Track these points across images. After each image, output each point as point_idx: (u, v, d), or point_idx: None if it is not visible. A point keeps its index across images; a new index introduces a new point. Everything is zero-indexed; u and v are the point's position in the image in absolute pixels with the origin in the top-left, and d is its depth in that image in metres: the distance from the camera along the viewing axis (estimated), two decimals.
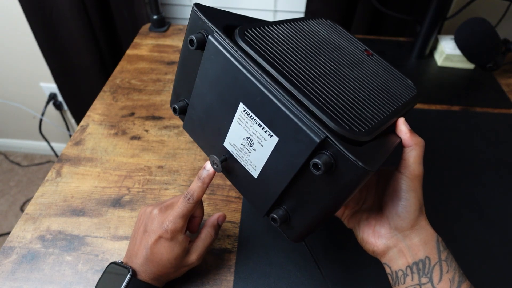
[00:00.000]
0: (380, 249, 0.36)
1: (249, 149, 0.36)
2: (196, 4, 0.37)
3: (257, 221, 0.52)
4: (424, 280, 0.34)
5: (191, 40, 0.35)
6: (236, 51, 0.33)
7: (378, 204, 0.39)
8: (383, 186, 0.38)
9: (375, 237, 0.37)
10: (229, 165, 0.39)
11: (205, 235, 0.43)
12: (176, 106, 0.42)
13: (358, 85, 0.38)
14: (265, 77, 0.32)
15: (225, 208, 0.54)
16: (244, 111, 0.35)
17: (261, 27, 0.38)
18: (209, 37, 0.35)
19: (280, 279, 0.46)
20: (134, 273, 0.40)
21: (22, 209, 1.51)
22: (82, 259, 0.48)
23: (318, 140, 0.29)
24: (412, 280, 0.34)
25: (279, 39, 0.38)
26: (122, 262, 0.42)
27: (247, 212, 0.53)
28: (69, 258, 0.48)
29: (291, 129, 0.31)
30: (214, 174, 0.41)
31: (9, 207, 1.51)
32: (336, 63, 0.40)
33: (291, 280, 0.46)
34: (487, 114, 0.71)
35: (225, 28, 0.36)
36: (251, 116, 0.34)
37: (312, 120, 0.30)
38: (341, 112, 0.33)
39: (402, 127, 0.36)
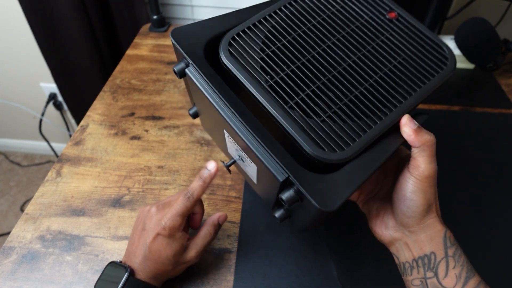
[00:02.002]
0: (387, 240, 0.37)
1: (244, 162, 0.38)
2: (172, 32, 0.38)
3: (257, 221, 0.52)
4: (429, 274, 0.34)
5: (175, 72, 0.38)
6: (210, 85, 0.35)
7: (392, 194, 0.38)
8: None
9: (383, 228, 0.37)
10: (237, 166, 0.42)
11: (205, 233, 0.44)
12: (190, 112, 0.46)
13: (358, 79, 0.35)
14: (235, 114, 0.33)
15: (225, 208, 0.54)
16: (228, 136, 0.37)
17: (248, 30, 0.38)
18: (186, 70, 0.36)
19: (280, 279, 0.46)
20: (132, 272, 0.40)
21: (22, 209, 1.51)
22: (82, 259, 0.48)
23: (281, 180, 0.31)
24: (418, 273, 0.34)
25: (268, 38, 0.37)
26: (121, 262, 0.42)
27: (247, 212, 0.53)
28: (69, 258, 0.48)
29: (260, 164, 0.33)
30: (215, 174, 0.41)
31: (9, 207, 1.51)
32: (336, 52, 0.37)
33: (291, 280, 0.46)
34: (487, 114, 0.71)
35: (209, 42, 0.38)
36: (234, 142, 0.36)
37: (276, 159, 0.31)
38: (324, 128, 0.33)
39: (405, 129, 0.33)
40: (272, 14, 0.39)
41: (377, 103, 0.35)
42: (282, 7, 0.39)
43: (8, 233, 1.42)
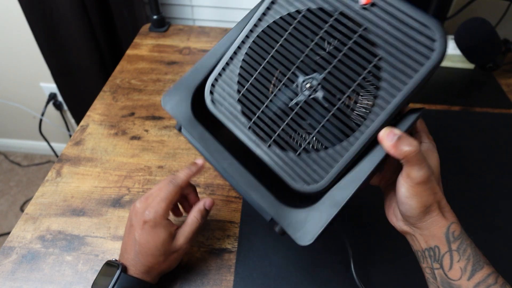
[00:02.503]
0: (400, 230, 0.38)
1: None
2: (163, 101, 0.43)
3: (257, 221, 0.52)
4: (436, 265, 0.35)
5: (176, 128, 0.43)
6: (199, 142, 0.40)
7: None
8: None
9: (394, 218, 0.38)
10: None
11: (191, 220, 0.43)
12: (177, 128, 0.48)
13: (329, 101, 0.34)
14: (224, 164, 0.38)
15: (225, 208, 0.54)
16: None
17: (223, 70, 0.40)
18: (181, 130, 0.42)
19: (280, 279, 0.46)
20: (124, 269, 0.40)
21: (22, 209, 1.51)
22: (82, 259, 0.48)
23: (267, 220, 0.37)
24: (427, 263, 0.36)
25: (242, 74, 0.39)
26: (116, 260, 0.42)
27: (247, 212, 0.53)
28: (69, 258, 0.48)
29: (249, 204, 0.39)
30: (203, 167, 0.45)
31: (9, 207, 1.51)
32: (304, 73, 0.36)
33: (291, 280, 0.46)
34: (487, 114, 0.71)
35: (195, 94, 0.42)
36: None
37: (261, 204, 0.36)
38: (300, 163, 0.36)
39: (383, 144, 0.32)
40: (242, 42, 0.39)
41: (351, 123, 0.34)
42: (249, 33, 0.39)
43: (8, 233, 1.42)
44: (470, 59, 0.75)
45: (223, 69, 0.40)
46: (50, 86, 1.30)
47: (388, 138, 0.32)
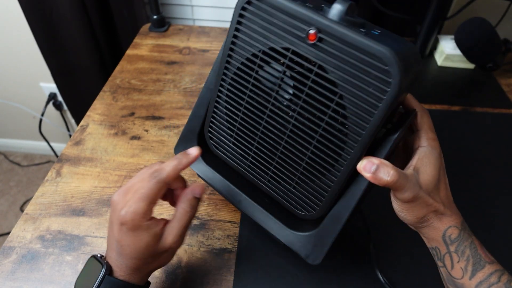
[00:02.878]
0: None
1: None
2: (175, 151, 0.49)
3: None
4: (440, 263, 0.36)
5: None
6: (212, 182, 0.47)
7: None
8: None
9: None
10: None
11: (180, 213, 0.37)
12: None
13: (306, 139, 0.35)
14: (236, 200, 0.45)
15: (225, 208, 0.54)
16: None
17: (214, 115, 0.43)
18: (194, 169, 0.48)
19: (280, 279, 0.46)
20: (110, 270, 0.36)
21: (22, 209, 1.51)
22: (82, 259, 0.48)
23: (282, 244, 0.42)
24: (435, 259, 0.37)
25: (229, 117, 0.41)
26: (101, 256, 0.38)
27: None
28: (69, 258, 0.48)
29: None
30: (195, 159, 0.38)
31: (9, 207, 1.51)
32: (276, 119, 0.37)
33: (291, 280, 0.46)
34: (487, 114, 0.71)
35: (199, 137, 0.47)
36: None
37: (273, 233, 0.42)
38: (298, 193, 0.39)
39: (364, 174, 0.32)
40: (220, 89, 0.40)
41: (331, 156, 0.35)
42: (222, 79, 0.40)
43: (8, 233, 1.42)
44: (470, 59, 0.75)
45: (212, 117, 0.43)
46: (50, 86, 1.30)
47: (366, 170, 0.32)
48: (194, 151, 0.39)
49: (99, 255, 0.38)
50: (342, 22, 0.30)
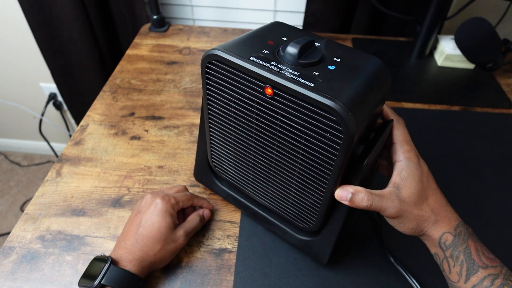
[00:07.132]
0: None
1: None
2: (195, 176, 0.57)
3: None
4: (441, 268, 0.38)
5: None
6: (228, 199, 0.54)
7: None
8: None
9: None
10: None
11: (191, 219, 0.49)
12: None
13: (287, 179, 0.40)
14: (250, 213, 0.51)
15: (225, 208, 0.54)
16: None
17: (212, 148, 0.47)
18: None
19: (280, 279, 0.46)
20: (114, 261, 0.41)
21: (22, 209, 1.51)
22: (82, 259, 0.48)
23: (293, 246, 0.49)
24: (438, 264, 0.38)
25: (227, 152, 0.45)
26: (104, 255, 0.43)
27: None
28: (69, 258, 0.48)
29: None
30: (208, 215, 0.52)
31: (9, 207, 1.51)
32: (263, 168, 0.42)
33: (291, 280, 0.46)
34: (487, 114, 0.71)
35: (209, 165, 0.53)
36: None
37: (285, 239, 0.48)
38: (295, 211, 0.43)
39: (342, 202, 0.35)
40: (211, 127, 0.44)
41: (313, 181, 0.37)
42: (211, 119, 0.43)
43: (8, 233, 1.42)
44: (470, 59, 0.75)
45: (211, 150, 0.47)
46: (50, 86, 1.30)
47: (343, 198, 0.35)
48: (207, 214, 0.51)
49: (101, 254, 0.43)
50: (296, 68, 0.32)
